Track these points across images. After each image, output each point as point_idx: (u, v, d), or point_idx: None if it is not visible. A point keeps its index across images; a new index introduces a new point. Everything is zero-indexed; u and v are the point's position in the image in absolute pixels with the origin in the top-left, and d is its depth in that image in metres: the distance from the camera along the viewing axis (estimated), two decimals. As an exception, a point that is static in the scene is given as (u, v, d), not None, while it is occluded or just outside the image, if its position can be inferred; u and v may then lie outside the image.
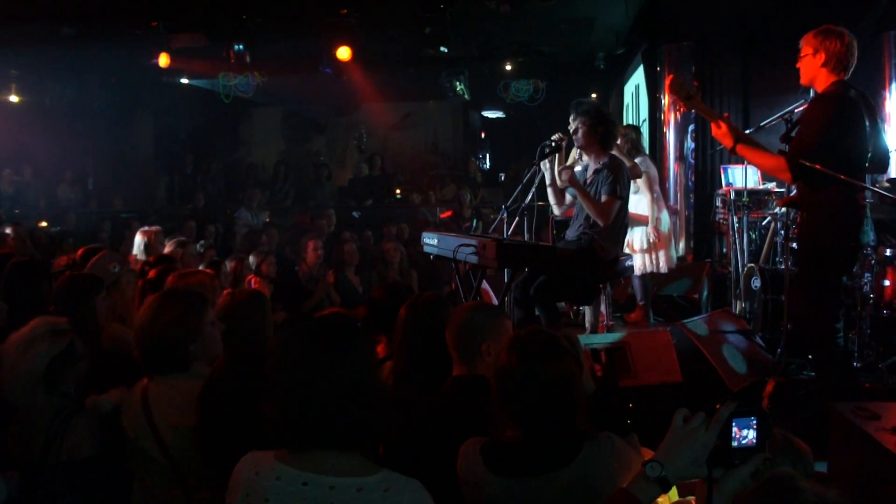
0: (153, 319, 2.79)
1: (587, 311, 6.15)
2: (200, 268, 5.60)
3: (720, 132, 4.18)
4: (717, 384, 4.59)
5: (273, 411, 1.77)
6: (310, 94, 14.01)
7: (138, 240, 6.73)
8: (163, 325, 2.76)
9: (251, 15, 9.39)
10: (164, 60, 10.13)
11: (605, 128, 5.18)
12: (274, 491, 1.73)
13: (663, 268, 6.77)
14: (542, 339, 2.21)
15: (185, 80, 12.62)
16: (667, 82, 4.26)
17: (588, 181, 5.25)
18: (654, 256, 6.72)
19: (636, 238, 6.81)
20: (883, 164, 4.34)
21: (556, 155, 5.51)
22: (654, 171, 6.81)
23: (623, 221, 5.27)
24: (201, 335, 2.82)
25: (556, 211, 5.58)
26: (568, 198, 5.41)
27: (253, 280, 6.23)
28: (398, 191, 14.12)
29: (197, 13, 9.41)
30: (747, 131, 6.15)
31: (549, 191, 5.45)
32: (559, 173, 5.22)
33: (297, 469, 1.74)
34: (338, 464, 1.75)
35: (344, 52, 9.82)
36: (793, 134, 4.20)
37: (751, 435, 1.58)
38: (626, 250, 6.61)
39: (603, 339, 5.08)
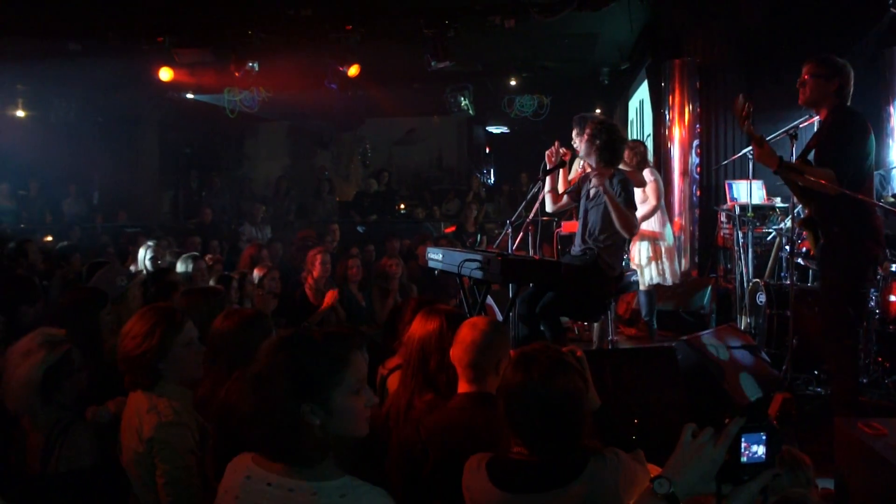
0: (125, 333, 2.79)
1: (594, 326, 6.14)
2: (211, 283, 5.61)
3: (764, 152, 4.23)
4: (723, 401, 4.56)
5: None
6: (315, 110, 14.06)
7: (142, 254, 6.77)
8: (130, 339, 2.76)
9: (256, 31, 9.43)
10: (166, 75, 10.17)
11: (602, 143, 5.08)
12: (243, 488, 1.85)
13: (668, 280, 6.75)
14: (547, 355, 2.20)
15: (190, 95, 12.68)
16: (737, 101, 4.32)
17: (592, 196, 5.23)
18: (659, 268, 6.71)
19: (641, 252, 6.80)
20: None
21: (561, 170, 5.51)
22: (661, 183, 6.81)
23: (624, 237, 5.25)
24: (170, 354, 2.78)
25: (548, 207, 5.50)
26: (565, 198, 5.37)
27: (257, 295, 6.22)
28: (402, 205, 14.12)
29: (202, 29, 9.47)
30: (751, 146, 6.19)
31: (548, 198, 5.40)
32: (594, 179, 5.13)
33: (265, 470, 1.84)
34: (305, 468, 1.83)
35: (353, 70, 9.90)
36: (809, 156, 4.29)
37: (760, 450, 1.56)
38: (631, 265, 6.61)
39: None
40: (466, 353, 2.67)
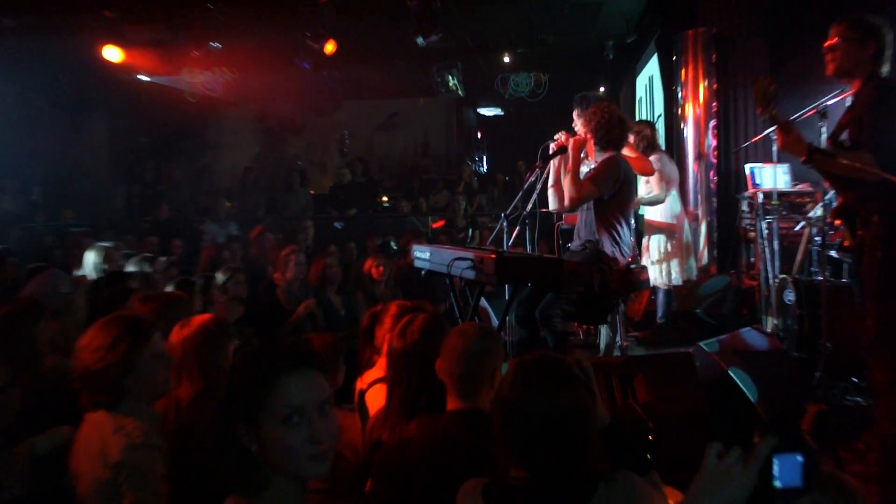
0: (84, 346, 2.76)
1: (602, 330, 6.11)
2: (169, 288, 5.53)
3: (791, 139, 4.09)
4: (749, 414, 4.52)
5: None
6: (285, 92, 14.02)
7: (90, 258, 6.65)
8: (91, 352, 2.72)
9: (218, 3, 9.36)
10: (114, 54, 10.06)
11: (593, 132, 5.16)
12: None
13: (676, 279, 6.75)
14: (549, 366, 2.15)
15: (143, 77, 12.58)
16: (758, 82, 4.18)
17: None
18: (666, 267, 6.70)
19: (652, 247, 6.78)
20: None
21: (561, 156, 5.46)
22: (670, 170, 6.78)
23: (625, 226, 5.25)
24: (137, 368, 2.75)
25: (551, 206, 5.55)
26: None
27: (220, 300, 6.16)
28: (385, 198, 14.10)
29: (156, 2, 9.39)
30: (775, 126, 6.14)
31: (551, 192, 5.42)
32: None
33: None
34: (247, 497, 1.85)
35: (329, 47, 9.84)
36: (843, 137, 4.19)
37: (796, 474, 1.52)
38: (643, 261, 6.58)
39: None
40: (455, 365, 2.64)
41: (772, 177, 6.55)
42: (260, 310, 6.86)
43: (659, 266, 6.76)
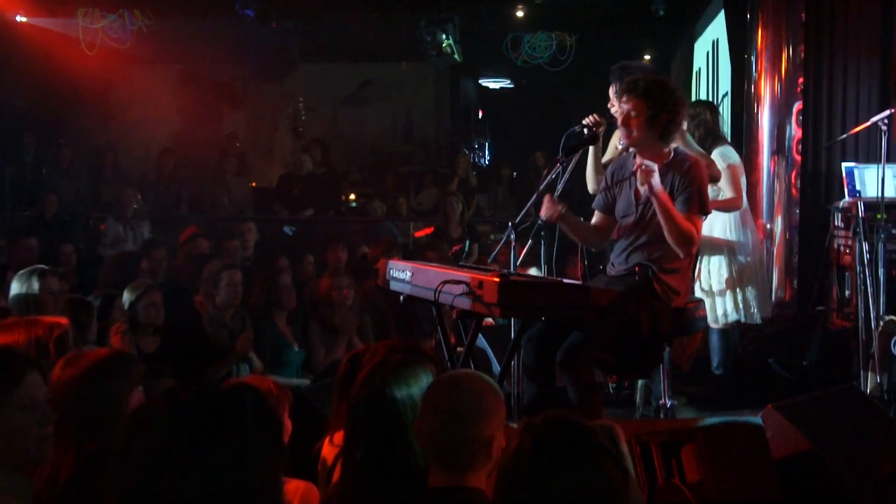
0: None
1: (639, 384, 6.11)
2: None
3: None
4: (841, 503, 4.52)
5: None
6: (220, 48, 14.03)
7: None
8: None
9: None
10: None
11: (669, 115, 5.08)
12: None
13: (756, 316, 6.73)
14: (566, 431, 2.17)
15: (21, 19, 12.52)
16: None
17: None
18: (741, 297, 6.69)
19: (713, 272, 6.77)
20: None
21: (592, 147, 5.48)
22: (740, 166, 6.76)
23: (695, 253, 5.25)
24: (2, 424, 2.73)
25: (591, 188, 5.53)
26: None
27: (117, 330, 6.14)
28: (352, 196, 14.12)
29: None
30: (887, 112, 6.15)
31: (590, 172, 5.38)
32: (638, 173, 5.03)
33: None
34: None
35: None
36: None
37: None
38: (697, 292, 6.58)
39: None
40: (439, 427, 2.65)
41: (877, 180, 6.55)
42: (178, 344, 6.84)
43: (718, 298, 6.74)
